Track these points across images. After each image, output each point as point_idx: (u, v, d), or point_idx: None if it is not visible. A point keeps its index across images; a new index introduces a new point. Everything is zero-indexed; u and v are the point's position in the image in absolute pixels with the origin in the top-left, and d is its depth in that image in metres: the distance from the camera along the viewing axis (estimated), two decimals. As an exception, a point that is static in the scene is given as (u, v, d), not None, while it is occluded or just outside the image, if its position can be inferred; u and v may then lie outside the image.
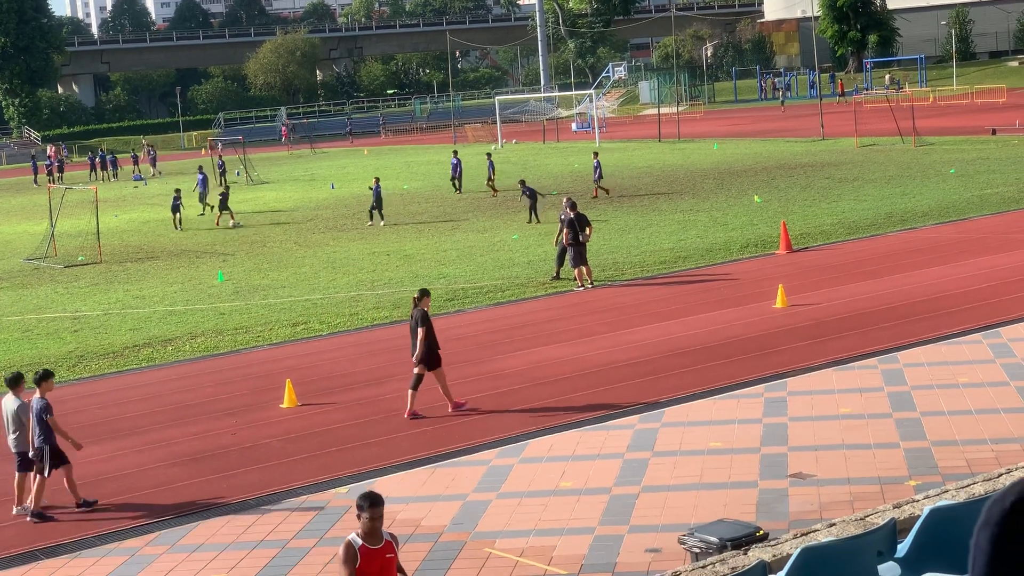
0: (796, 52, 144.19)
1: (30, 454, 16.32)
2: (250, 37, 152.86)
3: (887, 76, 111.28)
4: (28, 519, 16.20)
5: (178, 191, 49.71)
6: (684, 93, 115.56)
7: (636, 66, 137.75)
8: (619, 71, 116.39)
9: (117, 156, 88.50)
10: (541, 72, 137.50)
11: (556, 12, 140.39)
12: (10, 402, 16.55)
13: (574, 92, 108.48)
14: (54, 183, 64.88)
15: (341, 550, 9.87)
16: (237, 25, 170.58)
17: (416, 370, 19.46)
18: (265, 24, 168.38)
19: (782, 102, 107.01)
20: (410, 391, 19.47)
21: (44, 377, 16.59)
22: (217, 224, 48.15)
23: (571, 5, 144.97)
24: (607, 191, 48.63)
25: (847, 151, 59.79)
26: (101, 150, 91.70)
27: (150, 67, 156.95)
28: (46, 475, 16.16)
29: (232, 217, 48.21)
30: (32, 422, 16.21)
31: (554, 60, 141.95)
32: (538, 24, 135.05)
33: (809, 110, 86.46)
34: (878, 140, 62.56)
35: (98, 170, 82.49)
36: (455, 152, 56.58)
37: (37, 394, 16.43)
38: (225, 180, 49.68)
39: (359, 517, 9.94)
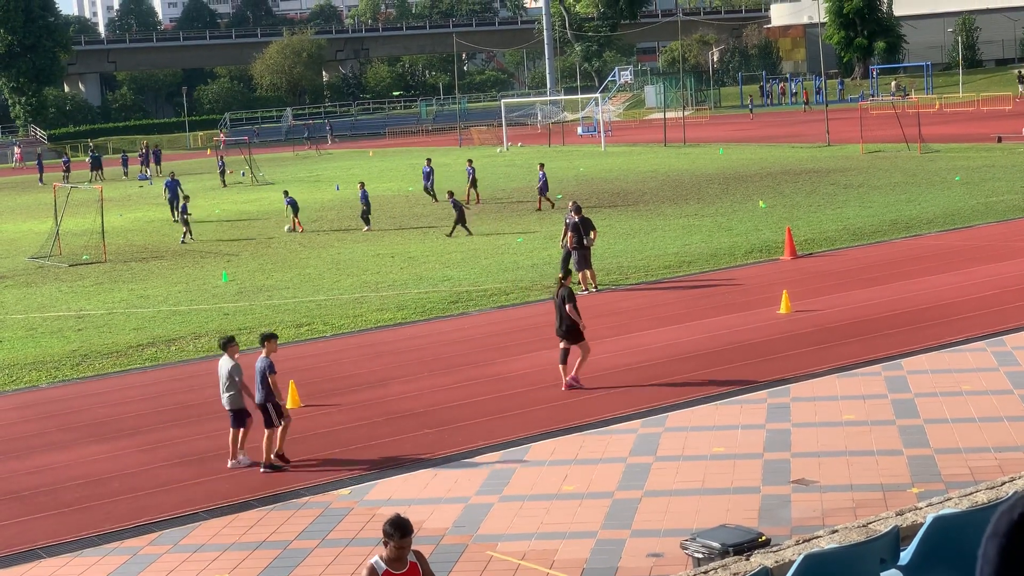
0: (802, 58, 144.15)
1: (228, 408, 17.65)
2: (257, 38, 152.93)
3: (893, 83, 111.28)
4: (261, 471, 17.32)
5: (186, 197, 47.27)
6: (690, 98, 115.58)
7: (642, 70, 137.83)
8: (625, 75, 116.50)
9: (128, 155, 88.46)
10: (547, 75, 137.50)
11: (563, 16, 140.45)
12: (225, 363, 17.64)
13: (580, 96, 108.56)
14: (64, 182, 64.90)
15: (364, 573, 9.52)
16: (244, 26, 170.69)
17: (562, 344, 20.77)
18: (272, 25, 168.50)
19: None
20: (560, 365, 20.79)
21: (268, 338, 17.81)
22: (297, 228, 45.41)
23: (578, 9, 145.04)
24: (552, 203, 46.81)
25: (853, 157, 59.76)
26: (93, 151, 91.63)
27: (157, 67, 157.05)
28: (276, 425, 17.40)
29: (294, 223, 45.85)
30: (256, 379, 17.41)
31: (560, 63, 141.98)
32: (544, 27, 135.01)
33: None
34: (884, 147, 62.52)
35: (91, 170, 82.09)
36: (428, 160, 55.78)
37: (263, 353, 17.60)
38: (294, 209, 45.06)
39: (386, 544, 9.52)
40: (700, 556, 11.70)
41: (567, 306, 20.60)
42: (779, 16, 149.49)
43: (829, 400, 18.89)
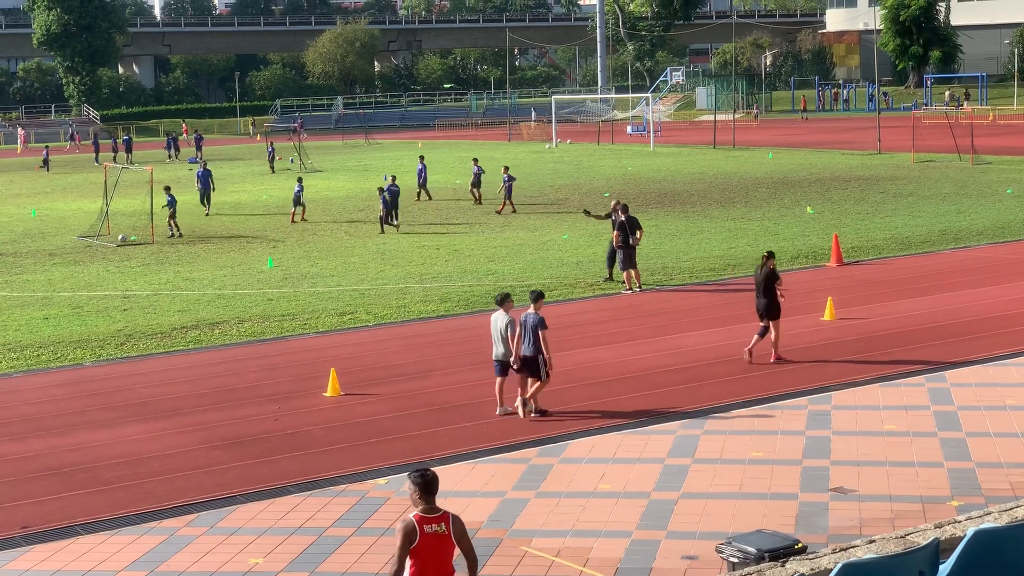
0: (856, 64, 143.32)
1: (513, 365, 18.81)
2: (311, 26, 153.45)
3: (947, 92, 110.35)
4: (532, 416, 18.87)
5: (167, 188, 43.52)
6: (741, 101, 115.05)
7: (694, 71, 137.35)
8: (677, 76, 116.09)
9: (177, 138, 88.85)
10: (599, 73, 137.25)
11: (616, 14, 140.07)
12: (500, 317, 18.99)
13: (631, 95, 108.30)
14: (116, 162, 65.29)
15: (399, 526, 9.70)
16: (298, 13, 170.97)
17: (763, 323, 22.01)
18: (326, 13, 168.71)
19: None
20: (756, 338, 21.99)
21: (539, 297, 19.18)
22: (294, 220, 45.26)
23: (632, 7, 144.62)
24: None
25: (903, 166, 59.34)
26: (127, 134, 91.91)
27: (211, 51, 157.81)
28: (543, 379, 18.76)
29: (300, 214, 45.58)
30: (527, 334, 18.64)
31: (612, 62, 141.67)
32: (598, 25, 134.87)
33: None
34: (935, 156, 62.05)
35: (120, 152, 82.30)
36: (421, 157, 55.40)
37: (531, 309, 18.85)
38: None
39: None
40: (735, 560, 11.65)
41: (776, 286, 21.87)
42: (834, 21, 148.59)
43: (871, 409, 18.77)
